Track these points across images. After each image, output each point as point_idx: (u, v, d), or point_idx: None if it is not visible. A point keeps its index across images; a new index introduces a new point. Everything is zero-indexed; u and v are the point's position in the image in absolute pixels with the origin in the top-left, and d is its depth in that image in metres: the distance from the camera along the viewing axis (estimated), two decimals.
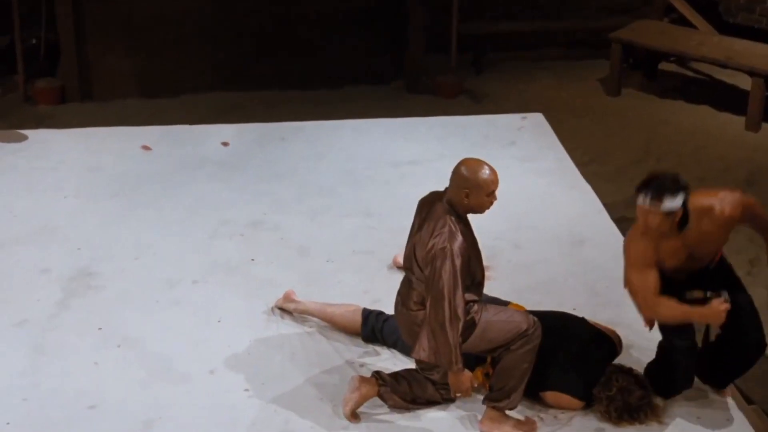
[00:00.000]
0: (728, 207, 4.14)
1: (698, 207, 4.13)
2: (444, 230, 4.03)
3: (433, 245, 4.02)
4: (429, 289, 4.02)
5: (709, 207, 4.14)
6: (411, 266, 4.19)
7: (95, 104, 8.51)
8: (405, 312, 4.24)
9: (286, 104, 8.34)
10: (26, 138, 6.52)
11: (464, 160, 4.16)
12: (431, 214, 4.13)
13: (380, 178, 6.20)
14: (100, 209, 5.75)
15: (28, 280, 5.08)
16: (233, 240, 5.53)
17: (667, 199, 4.02)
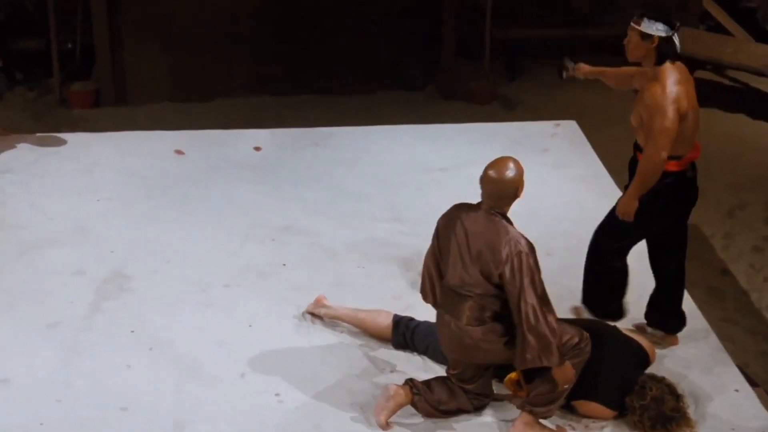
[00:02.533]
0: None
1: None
2: (509, 236, 4.08)
3: (507, 254, 4.06)
4: (515, 295, 4.05)
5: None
6: (462, 283, 4.19)
7: (129, 108, 8.58)
8: (457, 328, 4.22)
9: (319, 109, 8.36)
10: (61, 141, 6.56)
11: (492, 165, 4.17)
12: (477, 227, 4.15)
13: (412, 184, 6.19)
14: (134, 212, 5.78)
15: (62, 282, 5.12)
16: (264, 244, 5.54)
17: (646, 21, 4.37)
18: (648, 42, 4.40)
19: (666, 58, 4.41)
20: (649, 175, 4.43)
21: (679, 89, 4.37)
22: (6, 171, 6.11)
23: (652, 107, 4.35)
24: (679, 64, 4.47)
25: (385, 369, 4.60)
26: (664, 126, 4.31)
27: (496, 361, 4.30)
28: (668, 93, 4.34)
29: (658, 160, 4.37)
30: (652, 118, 4.35)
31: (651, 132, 4.36)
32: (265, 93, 8.69)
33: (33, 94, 8.91)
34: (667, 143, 4.34)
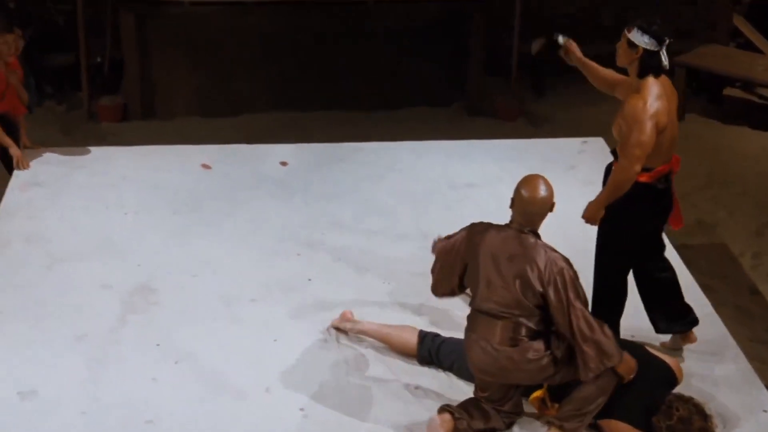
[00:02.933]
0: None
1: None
2: (546, 256, 4.12)
3: (548, 275, 4.09)
4: (564, 313, 4.08)
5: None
6: (495, 305, 4.19)
7: (157, 122, 8.63)
8: (491, 349, 4.22)
9: (346, 125, 8.37)
10: (89, 155, 6.60)
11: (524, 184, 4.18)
12: (509, 248, 4.17)
13: (439, 200, 6.18)
14: (160, 226, 5.80)
15: (90, 295, 5.14)
16: (291, 259, 5.54)
17: (636, 31, 4.45)
18: (633, 51, 4.49)
19: (649, 71, 4.49)
20: (619, 185, 4.51)
21: (659, 104, 4.45)
22: (35, 184, 6.15)
23: (630, 120, 4.43)
24: (663, 79, 4.54)
25: (410, 385, 4.59)
26: (640, 140, 4.40)
27: (532, 381, 4.28)
28: (648, 107, 4.42)
29: (630, 173, 4.47)
30: (629, 131, 4.43)
31: (626, 144, 4.44)
32: (292, 108, 8.71)
33: (62, 108, 8.98)
34: (642, 157, 4.43)
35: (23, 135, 6.49)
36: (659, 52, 4.47)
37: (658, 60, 4.47)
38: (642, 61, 4.48)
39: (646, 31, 4.46)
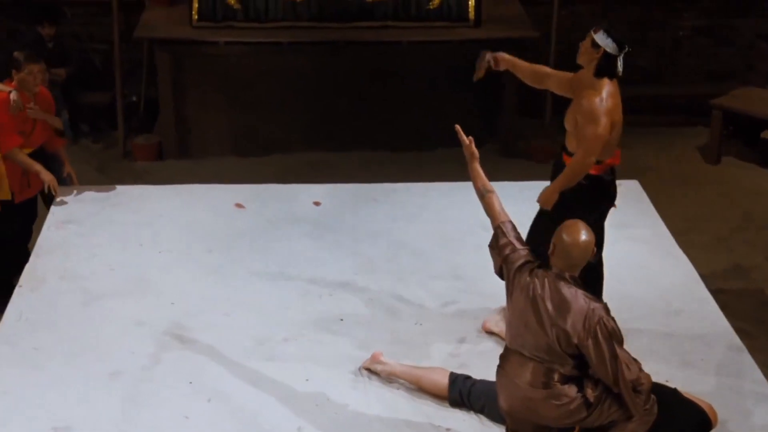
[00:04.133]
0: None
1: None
2: (587, 306, 4.10)
3: (589, 326, 4.07)
4: (608, 363, 4.06)
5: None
6: (529, 348, 4.19)
7: (191, 161, 8.70)
8: (520, 389, 4.21)
9: (379, 165, 8.40)
10: (124, 193, 6.65)
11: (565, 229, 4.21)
12: (548, 293, 4.16)
13: (471, 241, 6.15)
14: (194, 265, 5.83)
15: (123, 332, 5.16)
16: (323, 299, 5.55)
17: (602, 33, 4.79)
18: (595, 51, 4.81)
19: (605, 72, 4.83)
20: (576, 174, 4.88)
21: (613, 102, 4.81)
22: (70, 222, 6.21)
23: (588, 115, 4.77)
24: (615, 82, 4.89)
25: (441, 427, 4.56)
26: (597, 133, 4.76)
27: (561, 425, 4.24)
28: (605, 103, 4.78)
29: (586, 163, 4.84)
30: (587, 125, 4.77)
31: (584, 137, 4.80)
32: (325, 148, 8.76)
33: (98, 147, 9.08)
34: (598, 149, 4.80)
35: (67, 165, 6.55)
36: (618, 57, 4.81)
37: (615, 65, 4.82)
38: (601, 62, 4.81)
39: (611, 35, 4.79)
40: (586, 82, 4.87)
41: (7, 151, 6.13)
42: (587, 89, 4.83)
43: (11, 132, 6.13)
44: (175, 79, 8.77)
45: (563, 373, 4.15)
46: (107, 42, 9.09)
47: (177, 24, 8.73)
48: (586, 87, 4.84)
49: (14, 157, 6.16)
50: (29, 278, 5.60)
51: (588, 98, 4.79)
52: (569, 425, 4.26)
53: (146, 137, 8.95)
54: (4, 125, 6.10)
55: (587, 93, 4.81)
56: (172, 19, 8.85)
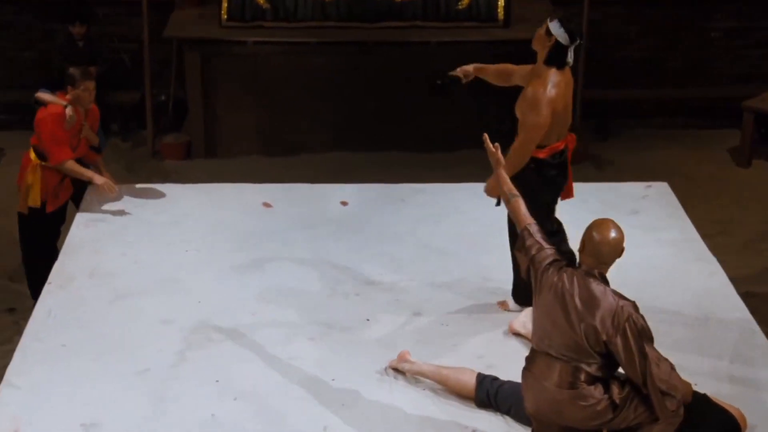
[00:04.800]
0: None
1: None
2: (616, 303, 4.08)
3: (617, 324, 4.05)
4: (636, 361, 4.04)
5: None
6: (556, 348, 4.18)
7: (219, 160, 8.73)
8: (547, 390, 4.20)
9: (405, 166, 8.40)
10: (153, 192, 6.69)
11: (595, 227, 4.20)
12: (576, 291, 4.14)
13: (498, 243, 6.11)
14: (221, 264, 5.85)
15: (151, 331, 5.19)
16: (349, 299, 5.55)
17: (556, 23, 4.97)
18: (548, 38, 4.99)
19: (554, 61, 5.01)
20: (516, 161, 5.05)
21: (556, 92, 4.99)
22: (100, 220, 6.25)
23: (531, 103, 4.99)
24: (566, 71, 5.08)
25: (467, 427, 4.55)
26: (537, 122, 4.98)
27: (587, 426, 4.22)
28: (548, 93, 4.96)
29: (526, 149, 5.05)
30: (528, 113, 5.00)
31: (525, 124, 5.02)
32: (353, 148, 8.76)
33: (127, 146, 9.13)
34: (537, 136, 5.01)
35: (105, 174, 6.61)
36: (569, 48, 4.99)
37: (565, 54, 5.00)
38: (552, 50, 5.00)
39: (564, 26, 4.98)
40: (536, 70, 5.08)
41: (60, 162, 6.21)
42: (535, 78, 5.04)
43: (64, 145, 6.22)
44: (204, 79, 8.80)
45: (590, 373, 4.13)
46: (137, 41, 9.14)
47: (206, 24, 8.77)
48: (535, 76, 5.05)
49: (68, 168, 6.25)
50: (58, 276, 5.65)
51: (534, 87, 5.01)
52: (595, 427, 4.23)
53: (175, 136, 8.99)
54: (57, 138, 6.19)
55: (534, 81, 5.02)
56: (202, 18, 8.89)
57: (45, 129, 6.18)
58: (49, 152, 6.22)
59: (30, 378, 4.79)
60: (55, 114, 6.19)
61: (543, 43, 5.04)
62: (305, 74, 8.78)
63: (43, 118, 6.21)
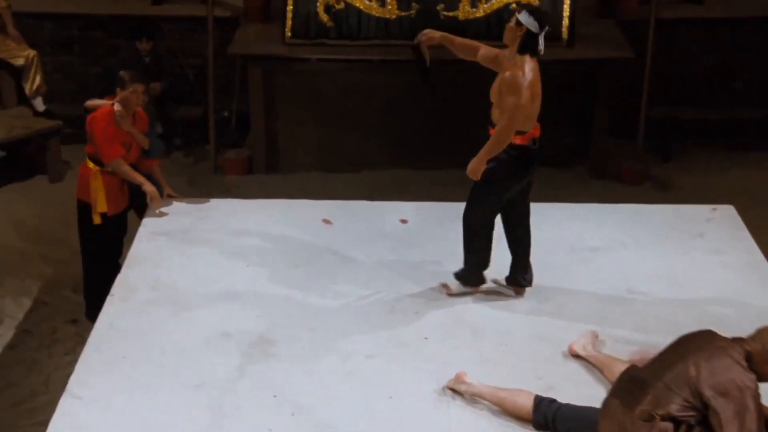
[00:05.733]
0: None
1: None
2: (747, 375, 4.09)
3: (732, 379, 4.05)
4: (725, 421, 4.01)
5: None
6: (655, 376, 4.20)
7: (280, 176, 8.78)
8: (624, 420, 4.18)
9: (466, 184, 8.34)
10: (214, 206, 6.74)
11: None
12: (720, 350, 4.16)
13: (558, 263, 6.09)
14: (280, 278, 5.86)
15: (210, 343, 5.22)
16: (408, 316, 5.53)
17: (525, 13, 5.24)
18: (518, 29, 5.24)
19: (527, 49, 5.24)
20: (500, 142, 5.26)
21: (533, 76, 5.21)
22: (162, 233, 6.31)
23: (511, 87, 5.17)
24: (536, 59, 5.28)
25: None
26: (519, 103, 5.17)
27: None
28: (526, 77, 5.18)
29: (509, 131, 5.23)
30: (509, 95, 5.18)
31: (507, 108, 5.19)
32: (413, 166, 8.75)
33: (189, 160, 9.23)
34: (520, 118, 5.21)
35: (163, 185, 6.68)
36: (539, 35, 5.22)
37: (536, 42, 5.23)
38: (523, 39, 5.23)
39: (533, 14, 5.23)
40: (509, 57, 5.30)
41: (112, 160, 6.27)
42: (510, 64, 5.26)
43: (116, 142, 6.28)
44: (267, 95, 8.87)
45: (669, 411, 4.10)
46: (201, 57, 9.26)
47: (270, 40, 8.84)
48: (509, 62, 5.27)
49: (118, 167, 6.30)
50: (121, 288, 5.71)
51: (511, 71, 5.20)
52: None
53: (236, 152, 9.07)
54: (109, 136, 6.25)
55: (510, 66, 5.24)
56: (266, 35, 8.97)
57: (96, 128, 6.27)
58: (101, 151, 6.28)
59: (91, 388, 4.85)
60: (104, 113, 6.27)
61: (514, 34, 5.26)
62: (367, 91, 8.80)
63: (93, 118, 6.30)
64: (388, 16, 8.62)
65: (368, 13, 8.68)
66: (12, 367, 6.40)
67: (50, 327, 6.80)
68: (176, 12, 9.66)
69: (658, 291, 5.72)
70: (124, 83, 6.30)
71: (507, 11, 8.53)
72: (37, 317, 6.93)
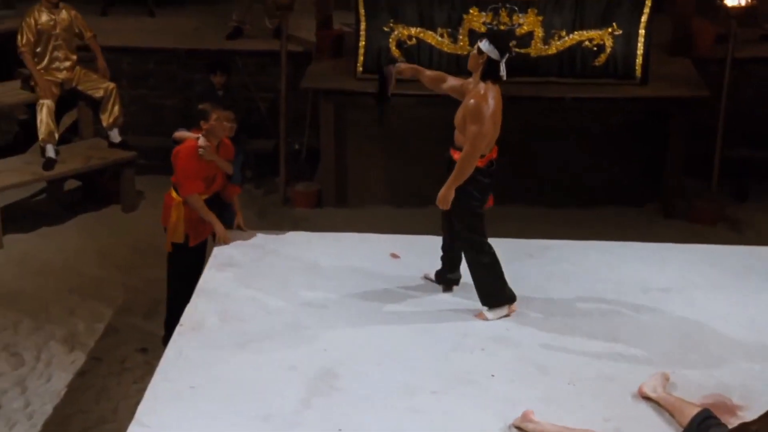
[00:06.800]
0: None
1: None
2: None
3: None
4: None
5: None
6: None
7: (349, 210, 8.82)
8: None
9: (534, 221, 8.31)
10: (283, 239, 6.78)
11: None
12: None
13: (629, 303, 6.00)
14: (348, 312, 5.87)
15: (276, 376, 5.23)
16: (474, 353, 5.49)
17: (485, 41, 5.45)
18: (480, 57, 5.46)
19: (489, 76, 5.47)
20: (465, 168, 5.49)
21: (495, 104, 5.47)
22: (231, 265, 6.37)
23: (474, 115, 5.41)
24: (498, 86, 5.52)
25: None
26: (482, 131, 5.42)
27: None
28: (489, 105, 5.43)
29: (472, 159, 5.47)
30: (472, 123, 5.41)
31: (469, 135, 5.43)
32: None
33: (259, 192, 9.33)
34: (482, 144, 5.47)
35: (239, 215, 6.75)
36: (500, 62, 5.42)
37: (497, 69, 5.44)
38: (485, 67, 5.44)
39: (494, 42, 5.43)
40: (474, 84, 5.53)
41: (189, 195, 6.38)
42: (474, 91, 5.47)
43: (196, 178, 6.39)
44: (337, 129, 8.94)
45: None
46: (274, 91, 9.37)
47: (342, 75, 8.93)
48: (474, 89, 5.49)
49: (194, 203, 6.41)
50: (190, 318, 5.76)
51: (475, 99, 5.43)
52: None
53: (306, 185, 9.14)
54: (190, 171, 6.37)
55: (474, 94, 5.46)
56: (337, 70, 9.06)
57: (178, 162, 6.38)
58: (180, 185, 6.40)
59: (159, 418, 4.88)
60: (187, 147, 6.38)
61: (476, 62, 5.48)
62: (436, 126, 8.77)
63: (177, 152, 6.42)
64: (460, 52, 8.65)
65: (440, 49, 8.72)
66: (82, 393, 6.49)
67: (120, 355, 6.90)
68: (251, 47, 9.82)
69: (733, 334, 5.59)
70: (207, 114, 6.41)
71: (580, 49, 8.52)
72: (108, 344, 7.03)
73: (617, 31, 8.48)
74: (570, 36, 8.54)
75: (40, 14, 8.65)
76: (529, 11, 8.49)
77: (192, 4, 10.89)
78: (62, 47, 8.74)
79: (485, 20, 8.52)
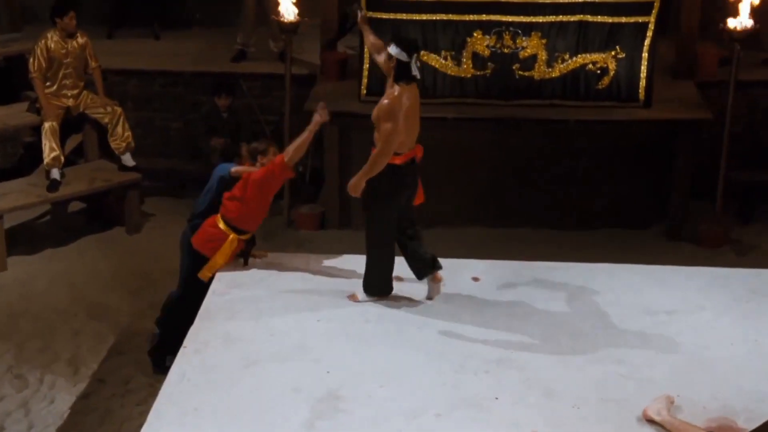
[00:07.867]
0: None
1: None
2: None
3: None
4: None
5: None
6: None
7: (352, 231, 8.81)
8: None
9: (539, 243, 8.30)
10: (287, 261, 6.78)
11: None
12: None
13: (634, 326, 5.99)
14: (351, 334, 5.86)
15: (280, 398, 5.22)
16: (478, 376, 5.47)
17: (393, 45, 5.72)
18: (390, 61, 5.74)
19: (401, 77, 5.72)
20: (376, 164, 5.76)
21: (409, 103, 5.71)
22: (236, 286, 6.36)
23: (387, 114, 5.67)
24: (413, 86, 5.78)
25: None
26: (394, 128, 5.67)
27: None
28: (401, 106, 5.68)
29: (384, 155, 5.74)
30: (384, 122, 5.67)
31: (383, 133, 5.69)
32: (487, 224, 8.72)
33: None
34: (394, 143, 5.72)
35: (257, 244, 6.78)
36: (410, 63, 5.67)
37: (408, 70, 5.70)
38: (397, 69, 5.71)
39: (400, 45, 5.70)
40: (389, 86, 5.77)
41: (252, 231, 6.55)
42: (389, 92, 5.72)
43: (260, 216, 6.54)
44: (341, 151, 8.95)
45: None
46: (278, 113, 9.39)
47: (346, 98, 8.94)
48: (388, 91, 5.75)
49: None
50: (193, 340, 5.76)
51: (389, 99, 5.68)
52: None
53: (310, 207, 9.14)
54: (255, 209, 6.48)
55: (388, 94, 5.72)
56: (342, 92, 9.08)
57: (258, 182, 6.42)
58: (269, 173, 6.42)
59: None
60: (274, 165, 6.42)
61: (388, 66, 5.77)
62: (442, 150, 8.81)
63: (248, 176, 6.44)
64: (464, 75, 8.67)
65: (444, 72, 8.74)
66: (85, 415, 6.48)
67: (124, 377, 6.88)
68: (255, 69, 9.84)
69: (738, 357, 5.58)
70: (264, 151, 6.54)
71: (583, 72, 8.54)
72: (112, 367, 7.02)
73: (620, 54, 8.50)
74: (573, 59, 8.56)
75: (53, 41, 8.66)
76: (533, 34, 8.51)
77: (197, 27, 10.94)
78: (72, 75, 8.75)
79: (489, 43, 8.55)
